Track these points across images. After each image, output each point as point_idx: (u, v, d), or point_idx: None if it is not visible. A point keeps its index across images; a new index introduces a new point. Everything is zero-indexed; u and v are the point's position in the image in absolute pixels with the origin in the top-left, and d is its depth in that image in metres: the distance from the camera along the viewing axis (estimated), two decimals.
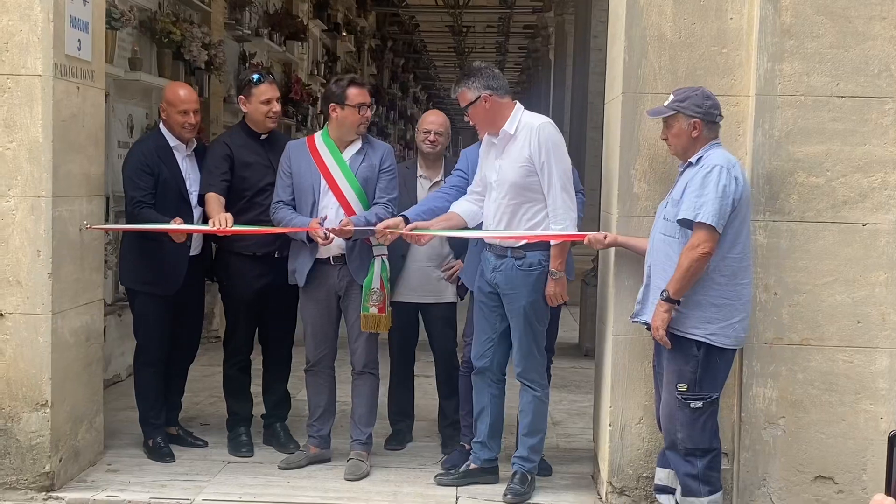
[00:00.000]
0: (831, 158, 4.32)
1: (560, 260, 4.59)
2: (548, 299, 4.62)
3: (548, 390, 4.82)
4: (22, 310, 4.49)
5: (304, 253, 4.97)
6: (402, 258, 5.30)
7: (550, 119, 4.72)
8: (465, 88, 4.67)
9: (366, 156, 5.02)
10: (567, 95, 15.08)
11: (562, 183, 4.54)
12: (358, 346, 5.04)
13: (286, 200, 4.97)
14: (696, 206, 3.93)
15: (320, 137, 5.07)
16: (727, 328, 4.01)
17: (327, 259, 4.95)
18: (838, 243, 4.33)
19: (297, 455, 5.13)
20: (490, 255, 4.71)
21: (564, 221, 4.54)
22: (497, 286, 4.66)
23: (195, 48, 7.89)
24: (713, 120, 4.10)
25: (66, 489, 4.63)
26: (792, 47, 4.30)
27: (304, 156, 5.00)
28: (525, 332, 4.64)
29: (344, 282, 4.98)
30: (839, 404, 4.36)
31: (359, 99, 4.95)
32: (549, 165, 4.51)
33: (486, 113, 4.65)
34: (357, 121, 4.97)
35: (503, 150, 4.64)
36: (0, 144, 4.45)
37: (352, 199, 4.93)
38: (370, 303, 4.87)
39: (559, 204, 4.53)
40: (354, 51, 18.36)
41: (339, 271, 4.97)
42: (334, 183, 4.94)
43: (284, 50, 11.93)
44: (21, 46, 4.42)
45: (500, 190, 4.61)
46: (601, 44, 10.52)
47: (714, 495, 4.09)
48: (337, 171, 4.95)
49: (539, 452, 4.78)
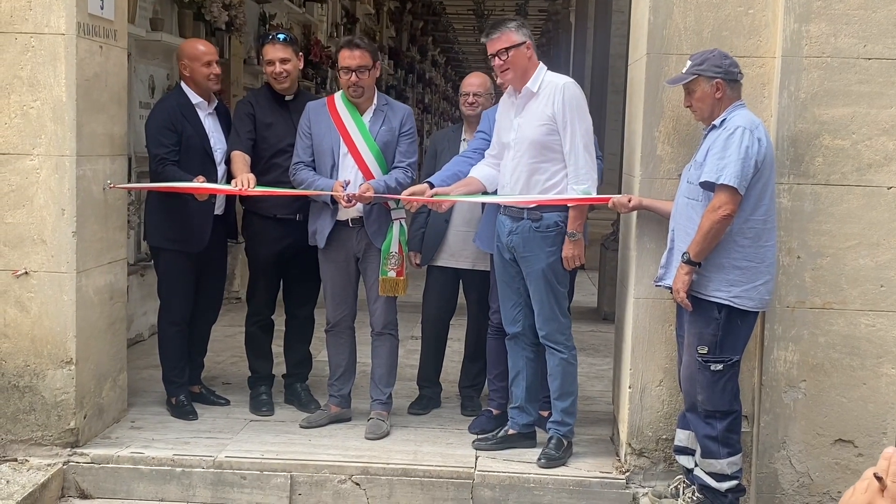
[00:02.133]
0: (857, 121, 4.28)
1: (579, 221, 4.55)
2: (564, 261, 4.59)
3: (574, 351, 4.77)
4: (47, 268, 4.53)
5: (324, 215, 4.96)
6: (445, 222, 5.32)
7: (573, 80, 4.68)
8: (512, 31, 4.53)
9: (385, 118, 4.97)
10: (588, 58, 14.96)
11: (584, 143, 4.50)
12: (377, 308, 5.05)
13: (306, 161, 4.96)
14: (719, 168, 3.90)
15: (340, 99, 5.02)
16: (751, 290, 3.99)
17: (346, 221, 4.94)
18: (863, 207, 4.30)
19: (318, 414, 5.18)
20: (505, 217, 4.66)
21: (587, 181, 4.50)
22: (514, 249, 4.63)
23: (216, 9, 7.88)
24: (735, 78, 4.06)
25: (90, 445, 4.69)
26: (819, 8, 4.24)
27: (323, 117, 4.97)
28: (546, 294, 4.62)
29: (362, 244, 4.98)
30: (860, 368, 4.36)
31: (344, 62, 4.87)
32: (572, 125, 4.48)
33: (525, 60, 4.55)
34: (345, 84, 4.90)
35: (523, 107, 4.59)
36: (24, 103, 4.46)
37: (370, 162, 4.91)
38: (389, 266, 4.87)
39: (581, 164, 4.50)
40: (373, 13, 18.24)
41: (358, 233, 4.96)
42: (354, 146, 4.91)
43: (304, 11, 11.87)
44: (44, 5, 4.41)
45: (519, 149, 4.57)
46: (623, 6, 10.43)
47: (733, 457, 4.10)
48: (357, 134, 4.92)
49: (573, 415, 4.77)
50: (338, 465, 4.58)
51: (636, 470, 4.55)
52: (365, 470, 4.57)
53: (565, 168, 4.54)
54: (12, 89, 4.46)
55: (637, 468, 4.55)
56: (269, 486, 4.54)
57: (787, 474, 4.41)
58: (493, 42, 4.55)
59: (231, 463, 4.59)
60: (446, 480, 4.55)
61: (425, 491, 4.54)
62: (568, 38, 20.96)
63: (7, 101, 4.46)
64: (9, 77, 4.45)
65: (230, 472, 4.56)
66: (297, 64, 5.28)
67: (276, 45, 5.22)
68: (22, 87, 4.45)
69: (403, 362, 5.72)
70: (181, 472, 4.57)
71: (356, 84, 4.87)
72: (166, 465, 4.58)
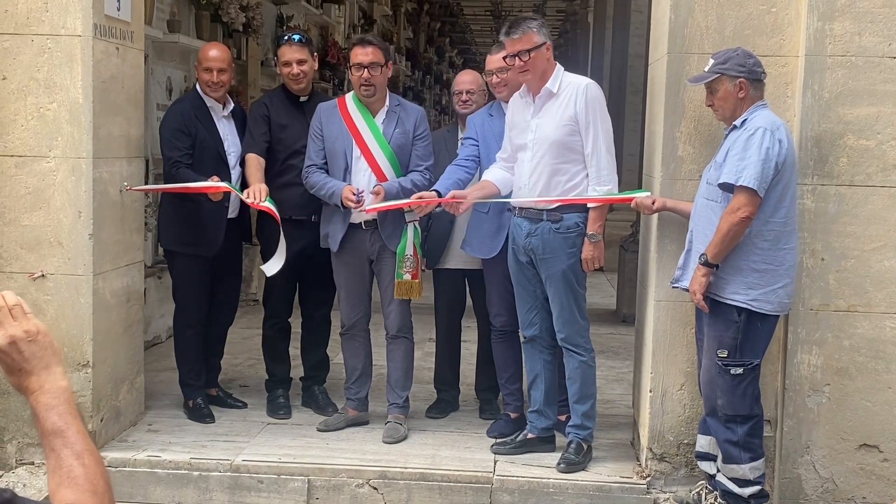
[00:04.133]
0: (882, 121, 4.20)
1: (599, 223, 4.51)
2: (584, 263, 4.53)
3: (593, 354, 4.72)
4: (63, 270, 4.51)
5: (336, 217, 4.91)
6: (449, 224, 5.26)
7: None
8: (534, 32, 4.43)
9: (398, 120, 4.91)
10: (606, 58, 14.87)
11: (606, 144, 4.47)
12: (391, 311, 5.00)
13: (319, 164, 4.90)
14: (738, 169, 3.84)
15: (352, 100, 4.95)
16: (769, 294, 3.93)
17: (359, 224, 4.88)
18: (888, 208, 4.23)
19: (335, 418, 5.14)
20: (522, 220, 4.60)
21: (609, 183, 4.47)
22: (533, 252, 4.58)
23: (233, 10, 7.88)
24: (758, 78, 4.00)
25: (107, 448, 4.67)
26: (843, 6, 4.18)
27: (335, 119, 4.91)
28: (566, 297, 4.56)
29: (376, 247, 4.92)
30: (886, 372, 4.28)
31: (356, 58, 4.82)
32: (594, 126, 4.44)
33: (544, 62, 4.49)
34: (356, 81, 4.85)
35: (541, 108, 4.53)
36: (41, 105, 4.45)
37: (384, 165, 4.85)
38: (404, 269, 4.82)
39: (604, 165, 4.46)
40: (391, 14, 18.23)
41: (371, 236, 4.90)
42: (367, 149, 4.84)
43: (321, 13, 11.88)
44: (61, 6, 4.40)
45: (538, 150, 4.51)
46: (642, 5, 10.35)
47: (755, 462, 4.04)
48: (370, 137, 4.85)
49: (592, 418, 4.71)
50: (355, 470, 4.55)
51: (657, 475, 4.49)
52: (382, 474, 4.53)
53: (585, 169, 4.49)
54: (29, 91, 4.45)
55: (658, 473, 4.50)
56: (286, 490, 4.51)
57: (810, 480, 4.34)
58: (514, 42, 4.46)
59: (248, 467, 4.56)
60: (465, 485, 4.50)
61: (444, 495, 4.49)
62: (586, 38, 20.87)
63: (24, 103, 4.45)
64: (25, 79, 4.44)
65: (247, 475, 4.53)
66: (313, 65, 5.27)
67: (291, 45, 5.20)
68: (38, 88, 4.44)
69: (421, 365, 5.67)
70: (198, 475, 4.54)
71: (368, 81, 4.80)
72: (183, 469, 4.56)
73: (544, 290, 4.64)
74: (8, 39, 4.44)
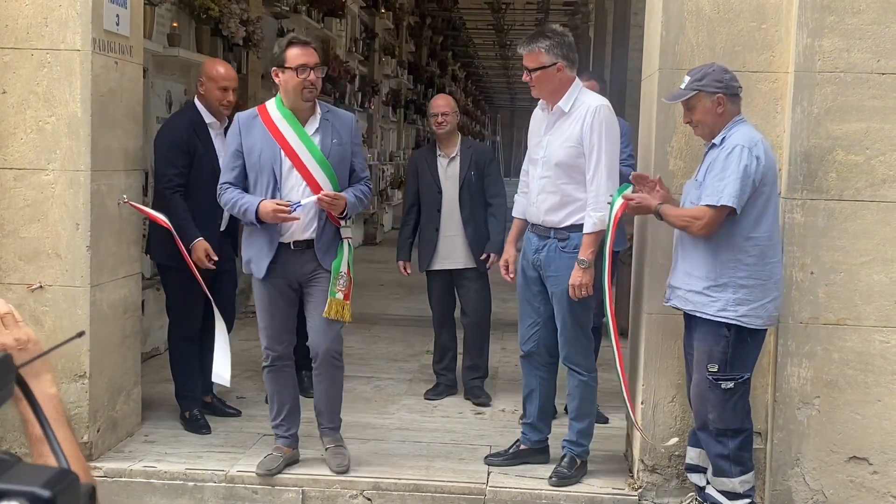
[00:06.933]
0: (871, 136, 4.25)
1: (591, 249, 4.39)
2: (570, 289, 4.43)
3: (595, 374, 4.72)
4: (61, 282, 4.56)
5: (260, 240, 4.42)
6: (435, 231, 5.83)
7: (608, 102, 4.54)
8: (543, 51, 4.40)
9: (333, 130, 4.44)
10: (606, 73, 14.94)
11: (608, 169, 4.38)
12: (321, 333, 4.52)
13: (232, 180, 4.40)
14: (718, 189, 3.87)
15: (275, 108, 4.43)
16: (759, 308, 3.96)
17: (289, 244, 4.43)
18: (877, 222, 4.27)
19: (271, 459, 4.65)
20: (532, 235, 4.63)
21: (604, 210, 4.37)
22: (540, 268, 4.58)
23: (233, 24, 7.92)
24: (735, 93, 4.02)
25: (103, 459, 4.71)
26: (832, 23, 4.23)
27: (256, 129, 4.39)
28: (569, 315, 4.54)
29: (308, 267, 4.46)
30: (875, 385, 4.32)
31: (299, 59, 4.31)
32: (598, 149, 4.36)
33: (554, 82, 4.43)
34: (299, 85, 4.31)
35: (553, 125, 4.51)
36: (40, 119, 4.51)
37: (320, 177, 4.38)
38: (337, 287, 4.43)
39: (602, 191, 4.37)
40: (393, 28, 18.31)
41: (302, 256, 4.45)
42: (298, 159, 4.35)
43: (323, 27, 11.95)
44: (60, 21, 4.46)
45: (546, 169, 4.49)
46: (641, 20, 10.40)
47: (745, 475, 4.07)
48: (300, 146, 4.36)
49: (588, 436, 4.72)
50: (349, 481, 4.58)
51: (649, 486, 4.53)
52: (376, 485, 4.56)
53: None
54: (28, 105, 4.50)
55: (650, 485, 4.53)
56: (281, 500, 4.54)
57: (800, 492, 4.37)
58: (526, 57, 4.47)
59: (243, 477, 4.59)
60: (458, 496, 4.53)
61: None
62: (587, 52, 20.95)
63: (23, 117, 4.51)
64: (24, 93, 4.50)
65: (242, 486, 4.57)
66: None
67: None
68: (38, 102, 4.50)
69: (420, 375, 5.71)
70: (193, 486, 4.58)
71: (313, 84, 4.36)
72: (179, 479, 4.60)
73: (548, 308, 4.64)
74: (8, 54, 4.50)
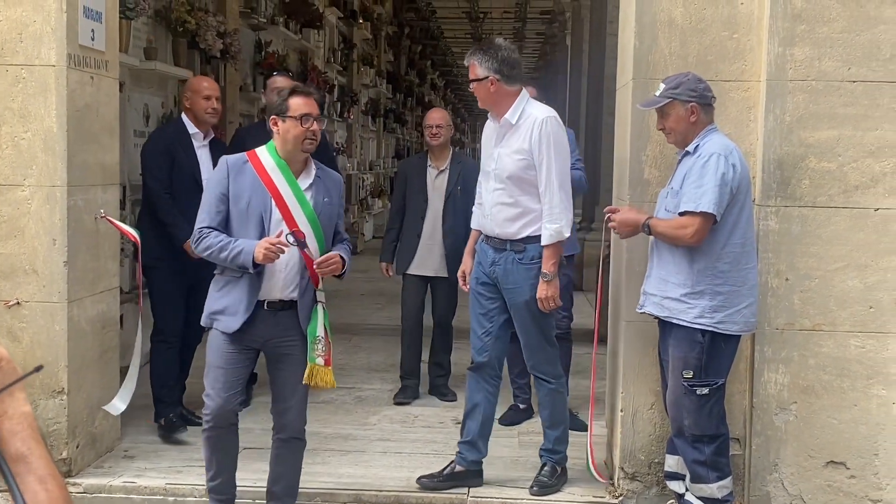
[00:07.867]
0: (843, 143, 4.30)
1: (553, 261, 4.41)
2: (539, 303, 4.43)
3: (563, 379, 4.74)
4: (38, 298, 4.54)
5: (237, 290, 4.05)
6: (416, 237, 6.13)
7: (556, 113, 4.56)
8: (476, 63, 4.49)
9: (325, 188, 4.18)
10: (583, 81, 15.01)
11: (560, 181, 4.39)
12: (290, 407, 4.16)
13: (216, 227, 4.03)
14: (696, 196, 3.91)
15: (268, 155, 4.11)
16: (735, 314, 3.99)
17: (263, 303, 4.06)
18: (850, 228, 4.31)
19: None
20: (488, 247, 4.59)
21: (560, 221, 4.39)
22: (497, 280, 4.56)
23: (210, 37, 7.92)
24: (708, 102, 4.07)
25: (82, 475, 4.69)
26: (803, 32, 4.27)
27: (246, 175, 4.07)
28: (532, 325, 4.54)
29: (279, 328, 4.09)
30: (851, 390, 4.36)
31: (303, 109, 4.04)
32: (548, 161, 4.37)
33: (489, 95, 4.49)
34: (301, 135, 4.03)
35: (503, 138, 4.52)
36: (15, 134, 4.50)
37: (307, 231, 4.07)
38: (317, 353, 4.06)
39: (556, 202, 4.39)
40: (371, 38, 18.35)
41: (276, 317, 4.08)
42: (287, 210, 4.05)
43: (300, 38, 11.95)
44: (35, 37, 4.45)
45: (498, 181, 4.49)
46: (616, 29, 10.46)
47: (723, 481, 4.10)
48: (291, 198, 4.07)
49: (564, 442, 4.72)
50: (330, 493, 4.58)
51: (629, 494, 4.55)
52: (357, 497, 4.56)
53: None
54: (3, 120, 4.49)
55: (630, 492, 4.55)
56: None
57: (779, 497, 4.40)
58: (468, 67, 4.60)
59: None
60: None
61: None
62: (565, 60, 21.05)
63: None
64: (0, 109, 4.48)
65: None
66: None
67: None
68: (13, 118, 4.49)
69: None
70: (174, 500, 4.57)
71: (315, 135, 4.09)
72: (159, 495, 4.58)
73: (503, 317, 4.60)
74: None
